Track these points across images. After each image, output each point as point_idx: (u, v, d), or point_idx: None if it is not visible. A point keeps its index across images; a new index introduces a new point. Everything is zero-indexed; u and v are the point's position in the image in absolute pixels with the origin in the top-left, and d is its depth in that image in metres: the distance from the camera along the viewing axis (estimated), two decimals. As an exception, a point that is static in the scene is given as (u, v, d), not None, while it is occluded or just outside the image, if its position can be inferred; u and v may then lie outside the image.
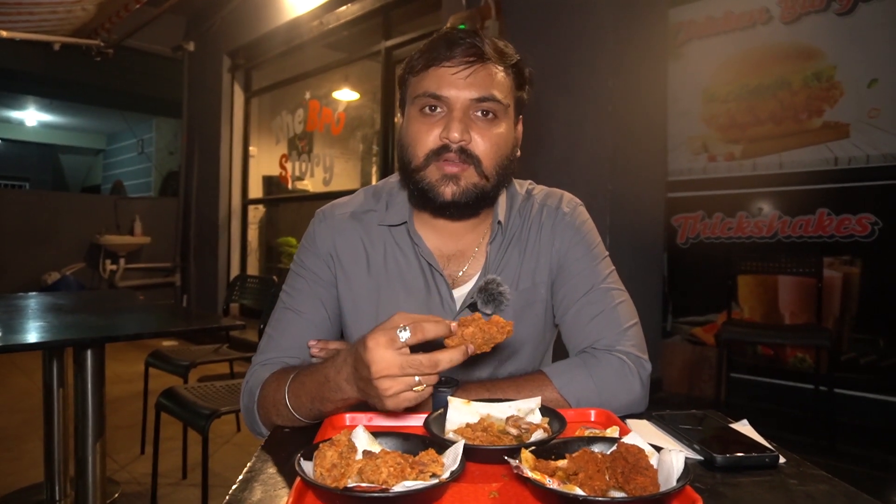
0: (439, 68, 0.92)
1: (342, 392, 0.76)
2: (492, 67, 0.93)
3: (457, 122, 0.90)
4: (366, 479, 0.58)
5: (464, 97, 0.91)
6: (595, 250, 1.04)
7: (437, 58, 0.92)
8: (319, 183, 5.42)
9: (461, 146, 0.91)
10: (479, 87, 0.91)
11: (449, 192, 0.93)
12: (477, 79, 0.91)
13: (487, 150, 0.93)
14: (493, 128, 0.93)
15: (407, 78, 0.98)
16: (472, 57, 0.91)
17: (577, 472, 0.59)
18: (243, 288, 3.23)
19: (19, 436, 3.03)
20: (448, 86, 0.91)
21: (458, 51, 0.91)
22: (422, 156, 0.93)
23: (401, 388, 0.68)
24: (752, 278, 3.26)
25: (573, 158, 3.16)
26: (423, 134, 0.93)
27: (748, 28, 3.30)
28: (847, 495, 0.62)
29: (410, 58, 0.97)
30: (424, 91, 0.92)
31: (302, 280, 1.03)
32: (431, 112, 0.93)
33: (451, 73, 0.91)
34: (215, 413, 1.91)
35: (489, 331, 0.73)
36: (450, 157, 0.91)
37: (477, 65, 0.91)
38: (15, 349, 1.58)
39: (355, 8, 4.64)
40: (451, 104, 0.91)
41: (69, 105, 9.53)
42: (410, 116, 0.96)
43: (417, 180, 0.94)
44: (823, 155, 3.03)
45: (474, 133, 0.92)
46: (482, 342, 0.73)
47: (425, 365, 0.68)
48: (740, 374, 3.26)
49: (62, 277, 5.83)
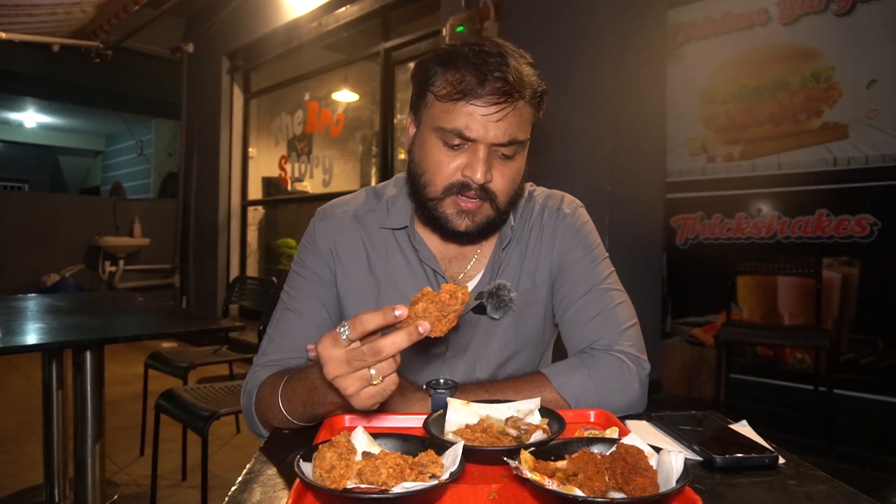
0: (468, 105, 0.88)
1: (329, 396, 0.75)
2: (520, 105, 0.90)
3: (482, 163, 0.89)
4: (365, 481, 0.58)
5: (490, 139, 0.89)
6: (595, 251, 1.05)
7: (467, 93, 0.87)
8: (319, 184, 5.42)
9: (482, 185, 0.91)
10: (506, 131, 0.89)
11: (464, 226, 0.93)
12: (505, 122, 0.88)
13: (505, 186, 0.93)
14: (512, 164, 0.93)
15: (426, 90, 0.93)
16: (502, 96, 0.87)
17: (577, 472, 0.59)
18: (243, 289, 3.23)
19: (18, 437, 3.03)
20: (476, 127, 0.88)
21: (488, 87, 0.87)
22: (440, 188, 0.92)
23: (359, 385, 0.67)
24: (752, 279, 3.26)
25: (572, 159, 3.16)
26: (444, 166, 0.91)
27: (747, 29, 3.30)
28: (846, 496, 0.62)
29: (431, 65, 0.92)
30: (452, 128, 0.88)
31: (302, 280, 1.03)
32: (454, 146, 0.91)
33: (481, 113, 0.87)
34: (215, 414, 1.91)
35: (440, 300, 0.69)
36: (469, 194, 0.91)
37: (507, 105, 0.88)
38: (14, 351, 1.58)
39: (354, 9, 4.64)
40: (476, 144, 0.89)
41: (68, 107, 9.53)
42: (430, 143, 0.92)
43: (431, 208, 0.94)
44: (822, 156, 3.03)
45: (495, 171, 0.92)
46: (439, 314, 0.69)
47: (367, 353, 0.65)
48: (739, 374, 3.26)
49: (61, 279, 5.82)
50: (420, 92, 0.95)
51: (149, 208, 6.80)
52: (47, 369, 2.24)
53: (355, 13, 4.64)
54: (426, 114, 0.93)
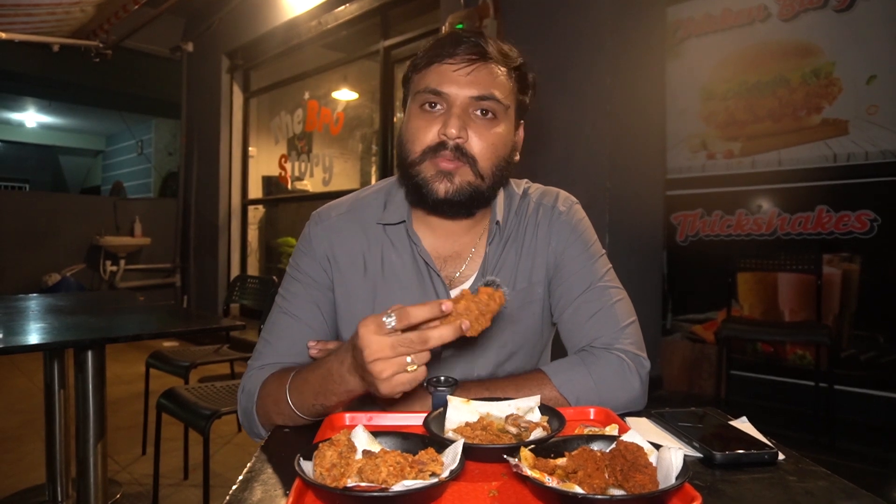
0: (441, 65, 0.92)
1: (346, 383, 0.76)
2: (494, 67, 0.93)
3: (455, 118, 0.90)
4: (365, 479, 0.58)
5: (464, 94, 0.91)
6: (591, 248, 1.04)
7: (440, 55, 0.92)
8: (319, 183, 5.42)
9: (457, 144, 0.91)
10: (480, 86, 0.91)
11: (443, 189, 0.92)
12: (478, 77, 0.91)
13: (484, 149, 0.93)
14: (491, 127, 0.93)
15: (410, 76, 0.98)
16: (474, 55, 0.91)
17: (577, 470, 0.59)
18: (243, 288, 3.23)
19: (20, 437, 3.04)
20: (449, 82, 0.91)
21: (462, 49, 0.91)
22: (419, 151, 0.93)
23: (394, 370, 0.70)
24: (752, 276, 3.26)
25: (572, 157, 3.16)
26: (422, 130, 0.93)
27: (746, 25, 3.29)
28: (846, 491, 0.62)
29: (414, 56, 0.98)
30: (425, 87, 0.92)
31: (298, 284, 1.03)
32: (431, 109, 0.93)
33: (453, 69, 0.91)
34: (216, 413, 1.92)
35: (481, 301, 0.73)
36: (445, 154, 0.91)
37: (479, 63, 0.92)
38: (16, 350, 1.58)
39: (353, 8, 4.64)
40: (450, 101, 0.91)
41: (68, 106, 9.52)
42: (411, 112, 0.96)
43: (412, 175, 0.94)
44: (822, 152, 3.03)
45: (472, 131, 0.92)
46: (478, 314, 0.73)
47: (415, 342, 0.69)
48: (740, 371, 3.26)
49: (62, 279, 5.83)
50: (406, 80, 1.00)
51: (149, 208, 6.80)
52: (49, 369, 2.24)
53: (354, 11, 4.64)
54: (410, 92, 0.98)
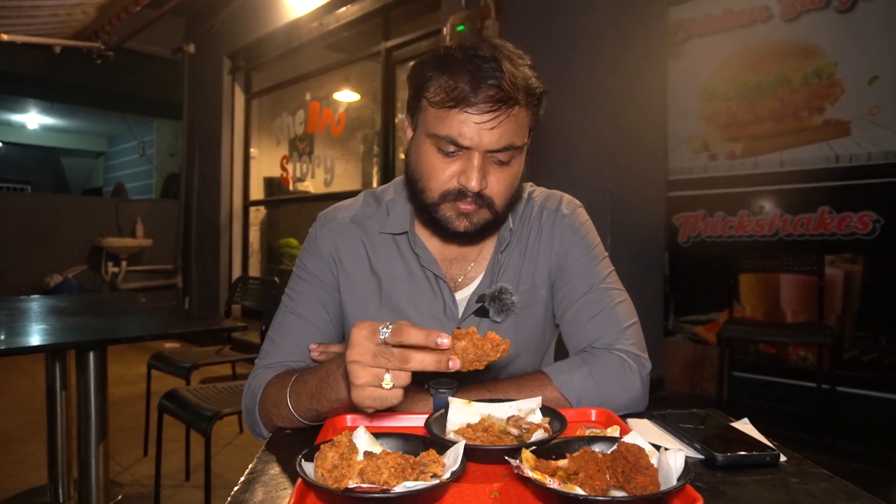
0: (461, 113, 0.86)
1: (338, 390, 0.76)
2: (516, 112, 0.88)
3: (476, 171, 0.88)
4: (367, 480, 0.58)
5: (485, 146, 0.88)
6: (594, 251, 1.04)
7: (460, 100, 0.86)
8: (320, 184, 5.43)
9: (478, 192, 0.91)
10: (501, 137, 0.88)
11: (462, 227, 0.93)
12: (499, 129, 0.87)
13: (502, 191, 0.93)
14: (508, 169, 0.93)
15: (421, 95, 0.91)
16: (496, 104, 0.85)
17: (578, 471, 0.59)
18: (245, 289, 3.23)
19: (22, 438, 3.04)
20: (470, 134, 0.87)
21: (482, 95, 0.85)
22: (437, 194, 0.93)
23: (368, 380, 0.68)
24: (754, 277, 3.26)
25: (573, 158, 3.16)
26: (440, 172, 0.91)
27: (748, 26, 3.29)
28: (847, 493, 0.62)
29: (425, 69, 0.91)
30: (446, 135, 0.88)
31: (304, 283, 1.03)
32: (449, 153, 0.90)
33: (475, 120, 0.86)
34: (217, 415, 1.92)
35: (483, 347, 0.71)
36: (466, 201, 0.92)
37: (501, 112, 0.86)
38: (17, 352, 1.59)
39: (355, 9, 4.64)
40: (470, 151, 0.89)
41: (70, 108, 9.55)
42: (425, 148, 0.92)
43: (430, 211, 0.95)
44: (824, 153, 3.03)
45: (490, 177, 0.91)
46: (474, 358, 0.71)
47: (395, 357, 0.67)
48: (742, 372, 3.26)
49: (64, 280, 5.84)
50: (415, 96, 0.94)
51: (151, 209, 6.81)
52: (51, 370, 2.24)
53: (356, 13, 4.64)
54: (421, 119, 0.93)
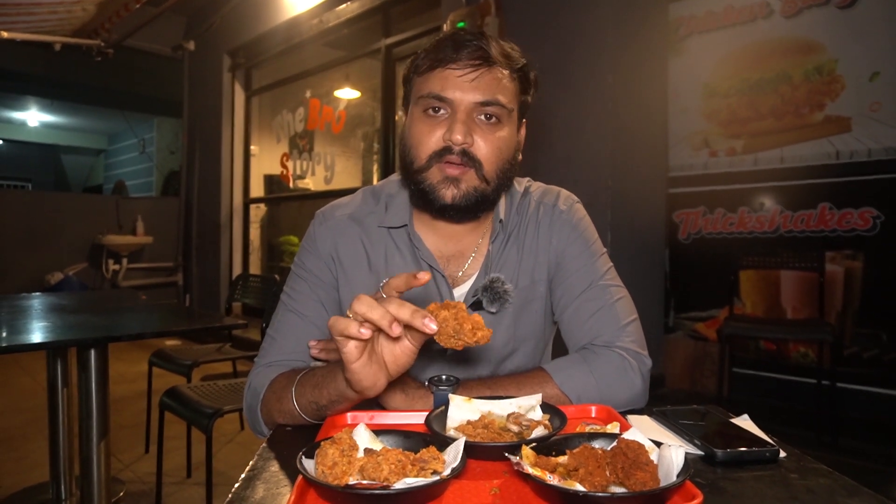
0: (444, 70, 0.91)
1: (338, 381, 0.75)
2: (497, 71, 0.92)
3: (460, 124, 0.90)
4: (367, 477, 0.58)
5: (468, 100, 0.91)
6: (593, 247, 1.04)
7: (443, 59, 0.91)
8: (321, 181, 5.43)
9: (463, 148, 0.91)
10: (484, 91, 0.91)
11: (449, 195, 0.93)
12: (482, 82, 0.91)
13: (489, 153, 0.93)
14: (495, 131, 0.93)
15: (411, 77, 0.98)
16: (478, 60, 0.91)
17: (578, 467, 0.59)
18: (245, 287, 3.24)
19: (24, 436, 3.05)
20: (453, 88, 0.90)
21: (464, 53, 0.91)
22: (424, 157, 0.93)
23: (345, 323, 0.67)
24: (754, 273, 3.25)
25: (574, 155, 3.16)
26: (426, 135, 0.93)
27: (748, 22, 3.28)
28: (847, 489, 0.62)
29: (415, 56, 0.97)
30: (429, 92, 0.92)
31: (303, 282, 1.03)
32: (435, 113, 0.92)
33: (457, 75, 0.91)
34: (218, 412, 1.92)
35: (463, 324, 0.69)
36: (452, 158, 0.91)
37: (482, 68, 0.91)
38: (19, 349, 1.59)
39: (355, 6, 4.64)
40: (455, 106, 0.91)
41: (70, 105, 9.54)
42: (414, 117, 0.95)
43: (419, 181, 0.95)
44: (825, 149, 3.02)
45: (477, 136, 0.92)
46: (452, 332, 0.69)
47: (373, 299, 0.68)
48: (743, 369, 3.26)
49: (65, 278, 5.84)
50: (408, 78, 0.99)
51: (151, 206, 6.81)
52: (52, 368, 2.25)
53: (356, 10, 4.64)
54: (412, 96, 0.97)
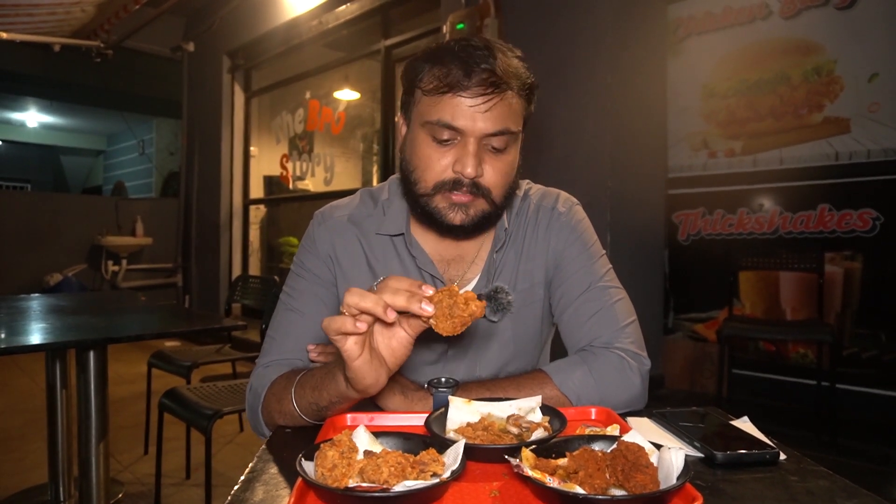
0: (455, 97, 0.87)
1: (338, 381, 0.75)
2: (509, 97, 0.89)
3: (472, 157, 0.88)
4: (367, 479, 0.58)
5: (479, 130, 0.87)
6: (591, 249, 1.04)
7: (452, 85, 0.86)
8: (320, 182, 5.43)
9: (473, 181, 0.90)
10: (496, 121, 0.88)
11: (458, 219, 0.92)
12: (493, 112, 0.87)
13: (498, 180, 0.92)
14: (504, 157, 0.92)
15: (414, 87, 0.93)
16: (489, 87, 0.86)
17: (578, 470, 0.59)
18: (245, 288, 3.24)
19: (23, 437, 3.04)
20: (463, 118, 0.87)
21: (475, 79, 0.86)
22: (431, 184, 0.91)
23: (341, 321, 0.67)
24: (754, 274, 3.26)
25: (573, 156, 3.16)
26: (434, 162, 0.90)
27: (747, 23, 3.29)
28: (847, 490, 0.62)
29: (418, 62, 0.93)
30: (438, 119, 0.88)
31: (303, 281, 1.03)
32: (443, 140, 0.89)
33: (468, 104, 0.87)
34: (218, 413, 1.92)
35: (455, 301, 0.70)
36: (462, 191, 0.90)
37: (494, 96, 0.87)
38: (18, 351, 1.59)
39: (354, 7, 4.64)
40: (465, 136, 0.88)
41: (70, 106, 9.54)
42: (419, 139, 0.92)
43: (423, 204, 0.93)
44: (824, 150, 3.03)
45: (486, 165, 0.90)
46: (447, 310, 0.70)
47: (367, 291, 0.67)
48: (742, 370, 3.26)
49: (64, 279, 5.84)
50: (409, 90, 0.95)
51: (151, 207, 6.81)
52: (51, 369, 2.25)
53: (355, 11, 4.64)
54: (415, 111, 0.93)
